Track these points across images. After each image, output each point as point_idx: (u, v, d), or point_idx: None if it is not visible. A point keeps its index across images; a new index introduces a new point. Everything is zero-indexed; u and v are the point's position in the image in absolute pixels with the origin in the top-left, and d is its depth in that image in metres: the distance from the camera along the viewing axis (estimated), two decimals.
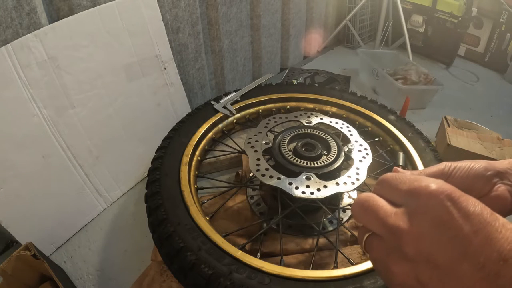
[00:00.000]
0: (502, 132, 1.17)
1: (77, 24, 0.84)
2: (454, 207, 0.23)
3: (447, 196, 0.23)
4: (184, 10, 1.10)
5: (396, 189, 0.26)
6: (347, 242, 0.77)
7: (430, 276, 0.23)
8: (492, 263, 0.21)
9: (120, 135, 1.00)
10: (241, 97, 1.04)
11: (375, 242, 0.27)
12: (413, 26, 1.91)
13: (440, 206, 0.23)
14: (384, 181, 0.28)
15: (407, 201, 0.25)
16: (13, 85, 0.75)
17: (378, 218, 0.26)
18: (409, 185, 0.25)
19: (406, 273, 0.24)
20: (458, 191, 0.23)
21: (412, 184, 0.25)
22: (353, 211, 0.28)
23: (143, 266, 0.81)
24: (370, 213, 0.26)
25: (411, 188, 0.25)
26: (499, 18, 1.74)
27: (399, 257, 0.24)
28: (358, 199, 0.28)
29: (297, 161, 0.72)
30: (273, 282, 0.56)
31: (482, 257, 0.21)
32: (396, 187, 0.26)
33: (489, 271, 0.21)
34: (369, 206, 0.26)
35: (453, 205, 0.23)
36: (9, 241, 0.90)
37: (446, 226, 0.22)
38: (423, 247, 0.23)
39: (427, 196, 0.24)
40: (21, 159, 0.78)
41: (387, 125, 0.96)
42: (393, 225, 0.24)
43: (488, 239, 0.21)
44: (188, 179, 0.77)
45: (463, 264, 0.21)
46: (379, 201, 0.26)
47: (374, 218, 0.26)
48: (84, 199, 0.93)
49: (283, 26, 1.65)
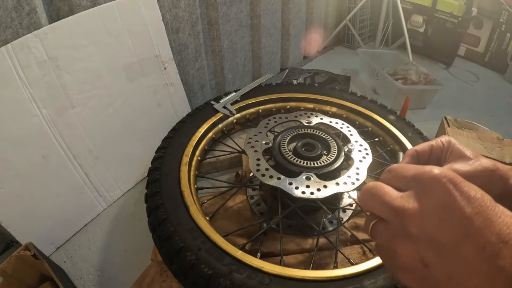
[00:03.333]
0: (502, 132, 1.17)
1: (77, 24, 0.84)
2: (457, 190, 0.23)
3: (449, 180, 0.24)
4: (184, 10, 1.10)
5: (402, 175, 0.27)
6: (347, 242, 0.76)
7: (433, 256, 0.24)
8: (492, 245, 0.21)
9: (120, 135, 1.00)
10: (241, 97, 1.04)
11: (381, 227, 0.28)
12: (413, 26, 1.92)
13: (443, 188, 0.24)
14: (391, 170, 0.29)
15: (412, 185, 0.26)
16: (13, 85, 0.75)
17: (384, 202, 0.27)
18: (414, 171, 0.26)
19: (410, 254, 0.25)
20: (460, 177, 0.24)
21: (417, 170, 0.26)
22: (360, 199, 0.29)
23: (143, 266, 0.81)
24: (377, 198, 0.27)
25: (416, 173, 0.26)
26: (499, 18, 1.74)
27: (404, 238, 0.25)
28: (366, 187, 0.29)
29: (297, 161, 0.72)
30: (273, 282, 0.56)
31: (483, 239, 0.22)
32: (402, 174, 0.27)
33: (490, 252, 0.21)
34: (376, 192, 0.28)
35: (455, 188, 0.24)
36: (9, 241, 0.90)
37: (449, 207, 0.23)
38: (427, 226, 0.24)
39: (430, 179, 0.25)
40: (21, 159, 0.78)
41: (387, 125, 0.96)
42: (398, 206, 0.25)
43: (488, 221, 0.22)
44: (188, 179, 0.77)
45: (465, 245, 0.22)
46: (385, 187, 0.28)
47: (380, 203, 0.27)
48: (84, 199, 0.93)
49: (283, 26, 1.65)
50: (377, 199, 0.27)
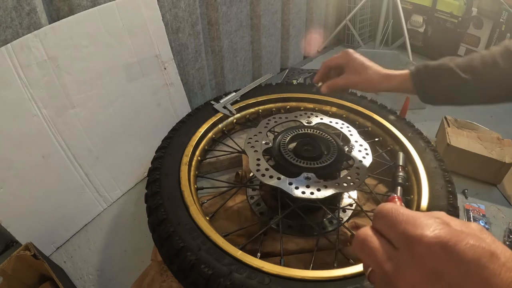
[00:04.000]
0: (502, 132, 1.17)
1: (77, 24, 0.84)
2: (449, 256, 0.22)
3: (442, 246, 0.23)
4: (184, 10, 1.10)
5: (392, 228, 0.26)
6: (347, 242, 0.76)
7: None
8: None
9: (120, 135, 1.00)
10: (241, 97, 1.04)
11: (376, 276, 0.27)
12: (413, 26, 1.91)
13: (434, 257, 0.23)
14: (381, 215, 0.28)
15: (401, 246, 0.25)
16: (13, 85, 0.75)
17: (375, 261, 0.26)
18: (404, 228, 0.25)
19: None
20: (456, 235, 0.23)
21: (407, 229, 0.25)
22: (353, 247, 0.29)
23: (143, 266, 0.81)
24: (368, 255, 0.27)
25: (406, 234, 0.25)
26: (499, 18, 1.74)
27: None
28: (357, 237, 0.28)
29: (297, 161, 0.72)
30: (273, 282, 0.56)
31: None
32: (392, 226, 0.26)
33: None
34: (367, 248, 0.27)
35: (448, 255, 0.22)
36: (9, 241, 0.90)
37: (438, 278, 0.22)
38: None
39: (420, 247, 0.24)
40: (21, 159, 0.78)
41: (387, 125, 0.96)
42: (388, 271, 0.25)
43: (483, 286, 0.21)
44: (188, 179, 0.77)
45: None
46: (375, 243, 0.27)
47: (371, 260, 0.27)
48: (84, 199, 0.93)
49: (283, 26, 1.64)
50: (369, 256, 0.27)
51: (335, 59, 0.72)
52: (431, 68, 0.65)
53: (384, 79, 0.68)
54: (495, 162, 1.04)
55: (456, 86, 0.62)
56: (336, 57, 0.71)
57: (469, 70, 0.61)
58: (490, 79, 0.60)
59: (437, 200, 0.74)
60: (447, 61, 0.64)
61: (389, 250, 0.26)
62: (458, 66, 0.62)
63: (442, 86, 0.64)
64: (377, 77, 0.68)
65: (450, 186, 0.77)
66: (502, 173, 1.06)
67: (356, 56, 0.69)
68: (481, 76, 0.60)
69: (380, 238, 0.27)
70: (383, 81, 0.68)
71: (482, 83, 0.61)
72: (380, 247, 0.26)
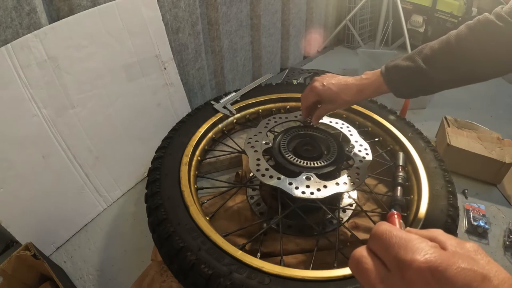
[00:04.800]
0: (502, 132, 1.17)
1: (77, 24, 0.84)
2: (438, 281, 0.23)
3: (432, 271, 0.23)
4: (184, 10, 1.10)
5: (385, 251, 0.27)
6: (347, 242, 0.76)
7: None
8: None
9: (120, 135, 1.00)
10: (241, 97, 1.04)
11: None
12: (413, 26, 1.91)
13: (423, 282, 0.23)
14: (376, 237, 0.28)
15: (393, 269, 0.26)
16: (13, 85, 0.75)
17: (368, 282, 0.27)
18: (396, 252, 0.25)
19: None
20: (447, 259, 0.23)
21: (399, 253, 0.25)
22: (350, 267, 0.30)
23: (143, 266, 0.81)
24: (362, 276, 0.27)
25: (397, 257, 0.25)
26: None
27: None
28: (353, 257, 0.29)
29: (297, 161, 0.72)
30: (273, 282, 0.56)
31: None
32: (386, 249, 0.27)
33: None
34: (361, 268, 0.28)
35: (437, 280, 0.23)
36: (9, 241, 0.90)
37: None
38: None
39: (411, 271, 0.24)
40: (21, 159, 0.78)
41: (387, 125, 0.96)
42: None
43: None
44: (188, 179, 0.77)
45: None
46: (369, 264, 0.27)
47: (365, 281, 0.27)
48: (84, 199, 0.93)
49: (283, 26, 1.65)
50: (363, 277, 0.27)
51: (307, 99, 0.76)
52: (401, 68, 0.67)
53: (357, 95, 0.70)
54: (495, 162, 1.04)
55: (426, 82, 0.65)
56: (307, 96, 0.76)
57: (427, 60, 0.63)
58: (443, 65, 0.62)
59: (437, 200, 0.74)
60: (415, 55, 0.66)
61: (382, 272, 0.26)
62: (423, 60, 0.64)
63: (415, 86, 0.67)
64: (350, 97, 0.71)
65: (450, 186, 0.77)
66: (502, 173, 1.06)
67: (324, 88, 0.72)
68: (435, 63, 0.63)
69: (374, 259, 0.27)
70: (357, 96, 0.70)
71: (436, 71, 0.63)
72: (373, 269, 0.27)
